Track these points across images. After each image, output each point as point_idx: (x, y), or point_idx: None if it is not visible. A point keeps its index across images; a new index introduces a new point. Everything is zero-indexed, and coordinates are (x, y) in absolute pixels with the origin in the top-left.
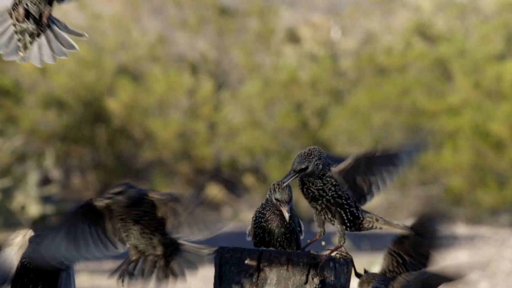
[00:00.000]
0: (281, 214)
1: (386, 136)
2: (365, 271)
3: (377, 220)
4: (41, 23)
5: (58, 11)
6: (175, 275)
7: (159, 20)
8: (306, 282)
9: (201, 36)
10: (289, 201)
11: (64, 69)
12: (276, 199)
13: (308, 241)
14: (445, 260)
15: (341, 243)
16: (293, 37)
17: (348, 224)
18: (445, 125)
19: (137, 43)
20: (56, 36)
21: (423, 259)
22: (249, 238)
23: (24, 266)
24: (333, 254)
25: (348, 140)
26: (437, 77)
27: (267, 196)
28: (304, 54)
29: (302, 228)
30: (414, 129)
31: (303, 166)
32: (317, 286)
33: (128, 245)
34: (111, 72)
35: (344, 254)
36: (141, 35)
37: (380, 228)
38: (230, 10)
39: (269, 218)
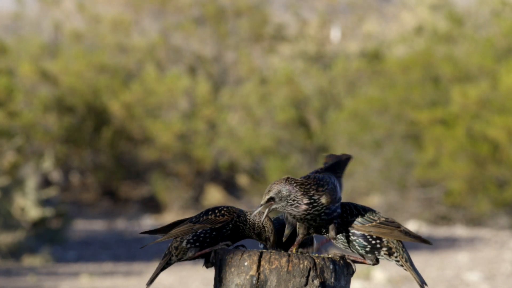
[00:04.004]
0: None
1: (387, 138)
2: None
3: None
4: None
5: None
6: None
7: (158, 22)
8: (306, 284)
9: (198, 37)
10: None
11: (66, 72)
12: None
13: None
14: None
15: (334, 237)
16: (292, 38)
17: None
18: (446, 128)
19: (137, 45)
20: None
21: None
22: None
23: None
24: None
25: (349, 142)
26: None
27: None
28: (304, 55)
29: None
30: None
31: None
32: None
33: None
34: (112, 74)
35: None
36: (140, 37)
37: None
38: (227, 10)
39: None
